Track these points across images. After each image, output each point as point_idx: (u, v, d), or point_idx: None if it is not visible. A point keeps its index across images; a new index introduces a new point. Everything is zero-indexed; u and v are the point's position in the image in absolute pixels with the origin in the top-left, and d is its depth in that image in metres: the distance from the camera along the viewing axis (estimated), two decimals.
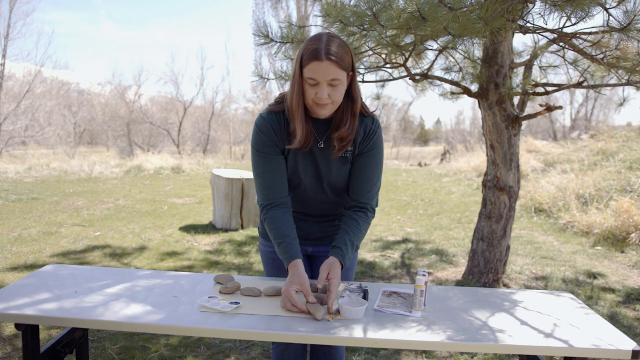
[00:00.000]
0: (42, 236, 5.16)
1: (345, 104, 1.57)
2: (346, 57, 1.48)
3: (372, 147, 1.65)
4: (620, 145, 9.09)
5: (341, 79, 1.48)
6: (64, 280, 1.72)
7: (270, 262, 1.85)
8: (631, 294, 3.76)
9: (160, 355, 2.65)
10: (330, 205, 1.77)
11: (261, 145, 1.61)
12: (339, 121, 1.58)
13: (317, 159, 1.64)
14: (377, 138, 1.65)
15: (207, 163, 13.75)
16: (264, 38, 3.40)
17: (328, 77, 1.45)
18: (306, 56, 1.46)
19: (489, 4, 2.24)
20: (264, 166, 1.62)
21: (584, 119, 25.56)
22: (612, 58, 2.99)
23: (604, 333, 1.44)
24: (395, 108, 35.22)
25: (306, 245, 1.81)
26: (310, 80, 1.47)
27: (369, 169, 1.66)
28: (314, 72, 1.45)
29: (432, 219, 6.73)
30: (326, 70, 1.44)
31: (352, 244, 1.62)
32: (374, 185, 1.69)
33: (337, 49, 1.46)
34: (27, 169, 11.01)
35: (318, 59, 1.44)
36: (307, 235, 1.78)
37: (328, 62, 1.44)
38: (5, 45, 17.43)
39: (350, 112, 1.58)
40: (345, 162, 1.65)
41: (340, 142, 1.59)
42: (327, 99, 1.48)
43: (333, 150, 1.61)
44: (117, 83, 26.63)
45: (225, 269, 4.21)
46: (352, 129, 1.58)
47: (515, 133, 3.61)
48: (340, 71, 1.47)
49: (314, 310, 1.45)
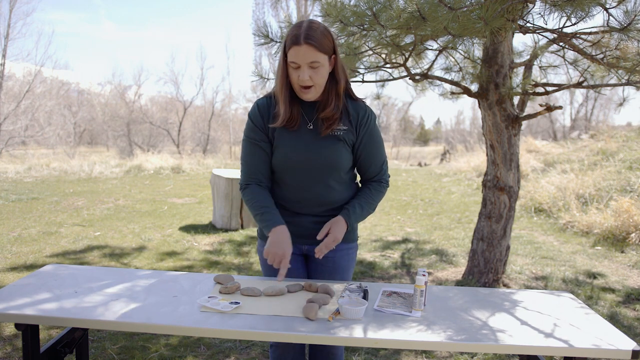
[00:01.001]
0: (42, 236, 5.16)
1: (329, 86, 1.67)
2: (325, 41, 1.58)
3: (371, 131, 1.75)
4: (620, 145, 9.09)
5: (321, 61, 1.58)
6: (64, 280, 1.72)
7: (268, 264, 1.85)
8: (631, 294, 3.76)
9: (160, 355, 2.65)
10: (325, 192, 1.74)
11: (248, 131, 1.73)
12: (325, 102, 1.68)
13: (308, 140, 1.70)
14: (372, 121, 1.75)
15: (207, 163, 13.75)
16: (264, 38, 3.40)
17: (307, 60, 1.56)
18: (288, 42, 1.58)
19: (489, 4, 2.24)
20: (248, 150, 1.73)
21: (584, 119, 25.57)
22: (612, 58, 2.99)
23: (604, 333, 1.44)
24: (395, 108, 35.22)
25: (300, 244, 1.80)
26: (292, 64, 1.58)
27: (374, 152, 1.77)
28: (294, 56, 1.56)
29: (432, 219, 6.73)
30: (305, 54, 1.55)
31: (360, 207, 1.73)
32: (382, 164, 1.81)
33: (316, 33, 1.56)
34: (27, 169, 11.01)
35: (297, 43, 1.55)
36: (302, 232, 1.77)
37: (307, 46, 1.54)
38: (5, 45, 17.44)
39: (334, 92, 1.68)
40: (336, 140, 1.70)
41: (327, 122, 1.68)
42: (309, 80, 1.59)
43: (321, 130, 1.69)
44: (117, 83, 26.62)
45: (225, 269, 4.21)
46: (337, 108, 1.68)
47: (515, 133, 3.61)
48: (320, 54, 1.57)
49: (308, 310, 1.44)
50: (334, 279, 1.83)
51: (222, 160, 15.43)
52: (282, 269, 1.62)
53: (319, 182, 1.72)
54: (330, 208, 1.77)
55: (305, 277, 1.86)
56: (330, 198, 1.75)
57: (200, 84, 45.17)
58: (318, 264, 1.83)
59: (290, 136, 1.69)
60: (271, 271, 1.85)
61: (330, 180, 1.73)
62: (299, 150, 1.69)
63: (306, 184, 1.73)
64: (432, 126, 50.33)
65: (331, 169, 1.71)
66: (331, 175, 1.72)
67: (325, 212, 1.77)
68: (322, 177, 1.72)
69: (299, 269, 1.84)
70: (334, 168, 1.71)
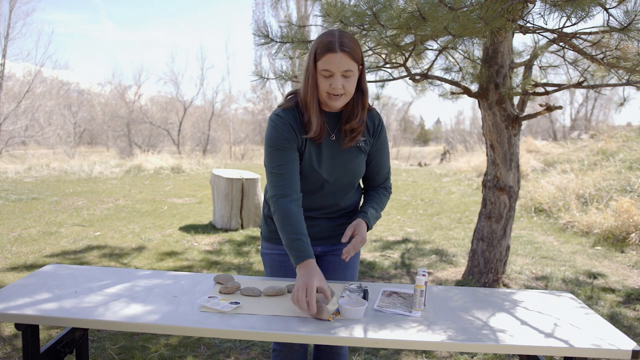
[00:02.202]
0: (42, 236, 5.16)
1: (355, 97, 1.64)
2: (357, 49, 1.56)
3: (383, 140, 1.77)
4: (620, 145, 9.09)
5: (354, 70, 1.56)
6: (64, 280, 1.72)
7: (279, 265, 1.82)
8: (631, 294, 3.76)
9: (160, 355, 2.65)
10: (342, 202, 1.78)
11: (276, 140, 1.63)
12: (350, 113, 1.65)
13: (331, 151, 1.68)
14: (384, 130, 1.77)
15: (207, 163, 13.76)
16: (264, 38, 3.40)
17: (342, 68, 1.53)
18: (320, 49, 1.53)
19: (489, 4, 2.24)
20: (280, 160, 1.62)
21: (584, 119, 25.57)
22: (612, 58, 2.99)
23: (604, 333, 1.44)
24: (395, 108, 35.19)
25: (315, 246, 1.81)
26: (324, 72, 1.54)
27: (383, 161, 1.80)
28: (328, 64, 1.52)
29: (432, 219, 6.73)
30: (340, 62, 1.52)
31: (374, 210, 1.74)
32: (388, 172, 1.84)
33: (350, 41, 1.54)
34: (27, 169, 11.01)
35: (333, 51, 1.51)
36: (317, 234, 1.78)
37: (342, 53, 1.51)
38: (5, 45, 17.42)
39: (360, 104, 1.65)
40: (359, 152, 1.71)
41: (351, 134, 1.66)
42: (341, 89, 1.55)
43: (344, 142, 1.67)
44: (117, 83, 26.59)
45: (225, 269, 4.21)
46: (362, 120, 1.66)
47: (515, 133, 3.61)
48: (353, 63, 1.54)
49: (319, 310, 1.44)
50: (345, 277, 1.85)
51: (222, 160, 15.44)
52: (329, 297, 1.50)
53: (341, 191, 1.75)
54: (343, 211, 1.81)
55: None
56: (345, 203, 1.80)
57: (200, 84, 45.16)
58: (330, 263, 1.84)
59: (315, 147, 1.66)
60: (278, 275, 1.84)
61: (347, 187, 1.76)
62: (323, 161, 1.68)
63: (328, 194, 1.74)
64: (432, 126, 50.34)
65: (354, 179, 1.75)
66: (350, 183, 1.76)
67: (338, 214, 1.81)
68: (345, 187, 1.75)
69: None
70: (356, 179, 1.75)
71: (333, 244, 1.83)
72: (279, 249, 1.80)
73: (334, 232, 1.81)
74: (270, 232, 1.81)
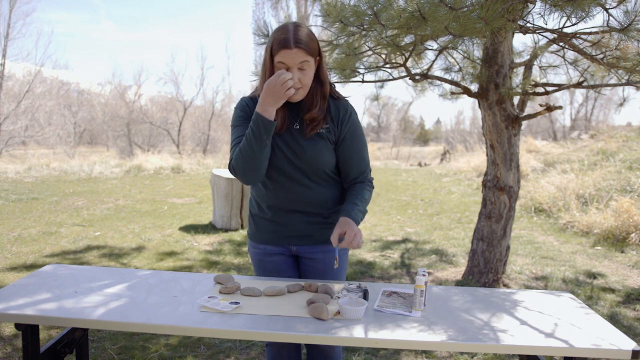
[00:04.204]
0: (42, 236, 5.16)
1: (314, 87, 1.69)
2: (312, 43, 1.60)
3: (354, 130, 1.75)
4: (620, 145, 9.09)
5: (310, 62, 1.61)
6: (64, 280, 1.72)
7: (259, 264, 1.86)
8: (631, 294, 3.76)
9: (160, 355, 2.65)
10: (314, 194, 1.74)
11: (235, 119, 1.73)
12: (310, 103, 1.70)
13: (294, 140, 1.70)
14: (354, 119, 1.76)
15: (207, 163, 13.75)
16: (264, 38, 3.40)
17: (297, 62, 1.58)
18: (276, 45, 1.58)
19: (490, 4, 2.24)
20: (239, 133, 1.69)
21: (584, 119, 25.57)
22: (612, 58, 2.99)
23: (604, 333, 1.44)
24: (395, 108, 35.23)
25: (289, 245, 1.80)
26: (280, 64, 1.59)
27: (357, 151, 1.77)
28: (284, 58, 1.58)
29: (432, 219, 6.73)
30: (295, 57, 1.57)
31: (355, 205, 1.71)
32: (366, 164, 1.81)
33: (304, 37, 1.58)
34: (27, 169, 11.01)
35: (287, 47, 1.56)
36: (291, 232, 1.77)
37: (297, 49, 1.56)
38: (5, 45, 17.42)
39: (320, 94, 1.70)
40: (320, 138, 1.71)
41: (312, 122, 1.70)
42: (298, 83, 1.60)
43: (307, 131, 1.70)
44: (117, 83, 26.57)
45: (225, 269, 4.21)
46: (322, 109, 1.70)
47: (515, 133, 3.61)
48: (308, 56, 1.59)
49: (319, 310, 1.44)
50: (325, 280, 1.81)
51: (222, 160, 15.43)
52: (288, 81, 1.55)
53: (306, 180, 1.73)
54: (319, 207, 1.77)
55: (298, 277, 1.87)
56: (318, 197, 1.75)
57: (200, 84, 45.07)
58: (309, 265, 1.82)
59: (278, 137, 1.69)
60: (263, 273, 1.86)
61: (316, 177, 1.74)
62: (286, 151, 1.69)
63: (294, 182, 1.73)
64: (432, 126, 50.33)
65: (321, 168, 1.73)
66: (316, 173, 1.73)
67: (314, 211, 1.77)
68: (308, 175, 1.73)
69: (290, 271, 1.84)
70: (319, 166, 1.72)
71: (310, 245, 1.80)
72: (259, 247, 1.84)
73: (309, 231, 1.78)
74: (251, 230, 1.87)
